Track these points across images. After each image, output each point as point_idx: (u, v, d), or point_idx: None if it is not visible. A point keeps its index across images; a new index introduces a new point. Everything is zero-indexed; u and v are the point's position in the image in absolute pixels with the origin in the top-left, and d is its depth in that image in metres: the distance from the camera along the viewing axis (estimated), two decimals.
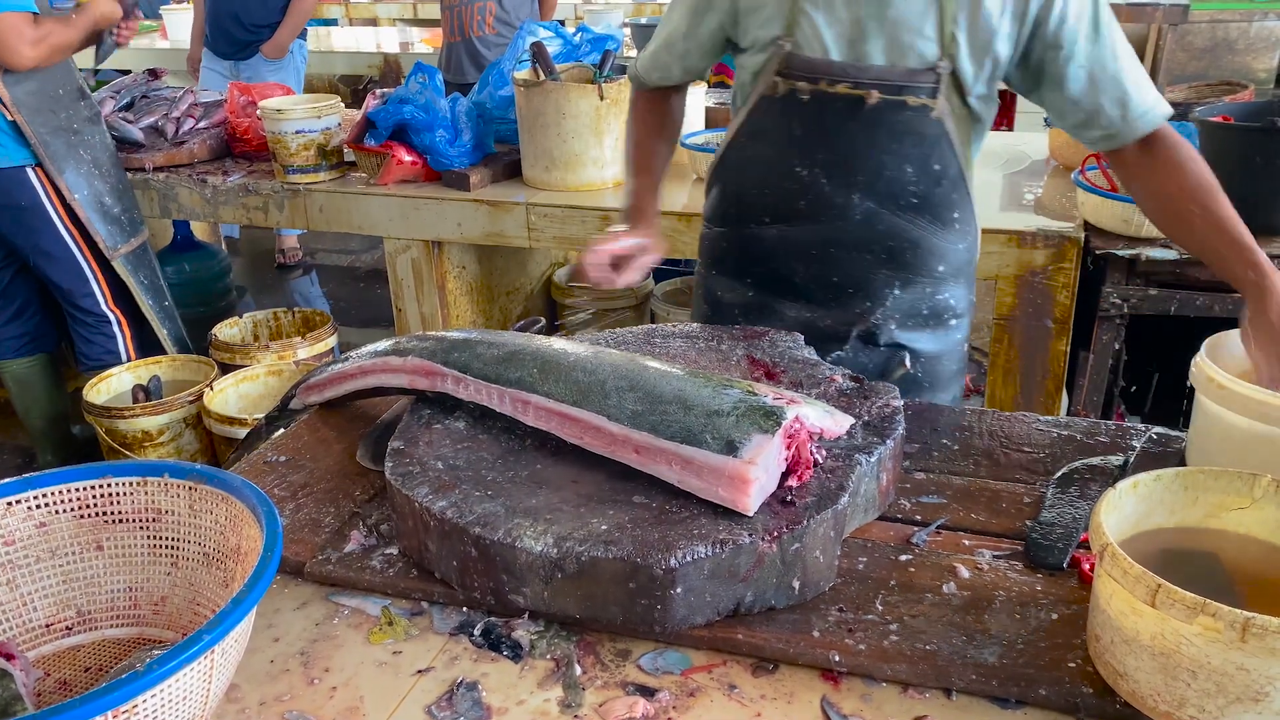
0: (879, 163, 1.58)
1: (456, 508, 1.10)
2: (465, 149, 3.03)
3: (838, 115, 1.56)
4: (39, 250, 3.10)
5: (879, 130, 1.55)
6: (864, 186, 1.60)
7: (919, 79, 1.51)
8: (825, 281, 1.68)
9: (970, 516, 1.25)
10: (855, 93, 1.53)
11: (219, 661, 0.90)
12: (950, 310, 1.73)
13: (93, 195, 3.10)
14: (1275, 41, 8.37)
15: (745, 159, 1.69)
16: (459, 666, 1.04)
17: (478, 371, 1.29)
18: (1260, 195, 2.31)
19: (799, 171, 1.62)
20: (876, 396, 1.33)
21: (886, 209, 1.61)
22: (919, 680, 0.99)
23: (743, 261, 1.76)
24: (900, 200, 1.60)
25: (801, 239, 1.66)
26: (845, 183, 1.60)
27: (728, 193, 1.75)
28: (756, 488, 1.07)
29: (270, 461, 1.41)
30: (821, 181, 1.61)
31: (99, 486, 1.11)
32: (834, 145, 1.59)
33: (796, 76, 1.56)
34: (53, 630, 1.11)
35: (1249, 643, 0.81)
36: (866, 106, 1.53)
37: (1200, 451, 1.30)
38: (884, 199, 1.60)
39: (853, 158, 1.58)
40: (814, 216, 1.63)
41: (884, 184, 1.59)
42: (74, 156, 3.05)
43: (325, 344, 3.41)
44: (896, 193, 1.60)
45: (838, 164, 1.59)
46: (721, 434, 1.09)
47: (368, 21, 8.68)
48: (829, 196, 1.61)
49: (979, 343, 4.31)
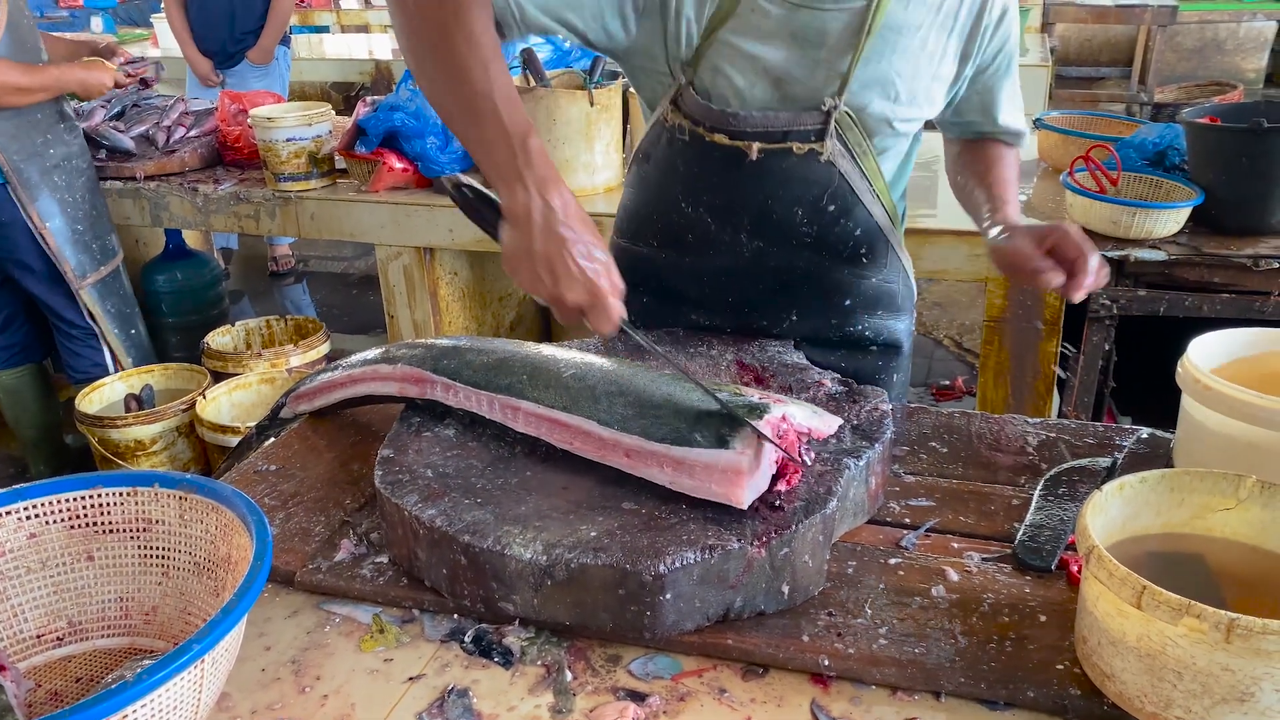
0: (765, 208, 1.48)
1: (446, 516, 1.10)
2: (456, 156, 3.03)
3: (719, 163, 1.45)
4: (19, 264, 3.11)
5: (765, 179, 1.45)
6: (750, 228, 1.50)
7: (804, 123, 1.41)
8: (720, 301, 1.58)
9: (959, 519, 1.25)
10: (734, 144, 1.42)
11: (209, 671, 0.91)
12: (868, 341, 1.63)
13: (65, 223, 3.10)
14: (1264, 42, 8.41)
15: (640, 178, 1.60)
16: (450, 673, 1.04)
17: (467, 378, 1.29)
18: (1246, 196, 2.33)
19: (684, 208, 1.52)
20: (865, 400, 1.34)
21: (777, 246, 1.51)
22: (908, 683, 1.00)
23: (634, 277, 1.32)
24: (792, 239, 1.51)
25: (689, 267, 1.57)
26: (731, 225, 1.51)
27: (626, 206, 1.65)
28: (750, 480, 1.07)
29: (261, 470, 1.42)
30: (707, 220, 1.51)
31: (90, 497, 1.11)
32: (717, 190, 1.49)
33: (684, 113, 1.45)
34: (44, 641, 1.11)
35: (1234, 643, 0.82)
36: (747, 160, 1.43)
37: (1186, 453, 1.30)
38: (774, 239, 1.51)
39: (737, 204, 1.49)
40: (701, 250, 1.54)
41: (772, 227, 1.50)
42: (48, 184, 3.04)
43: (318, 351, 3.41)
44: (787, 233, 1.50)
45: (721, 207, 1.50)
46: (712, 430, 1.10)
47: (359, 28, 8.69)
48: (715, 234, 1.52)
49: (970, 344, 4.34)
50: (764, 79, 1.40)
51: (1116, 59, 8.73)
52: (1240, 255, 2.28)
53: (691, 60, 1.41)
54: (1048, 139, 3.01)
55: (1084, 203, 2.40)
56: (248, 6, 4.85)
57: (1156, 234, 2.33)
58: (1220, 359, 1.31)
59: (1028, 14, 6.08)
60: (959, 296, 4.68)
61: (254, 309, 5.41)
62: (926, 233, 2.53)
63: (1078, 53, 8.86)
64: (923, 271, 2.62)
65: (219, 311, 4.31)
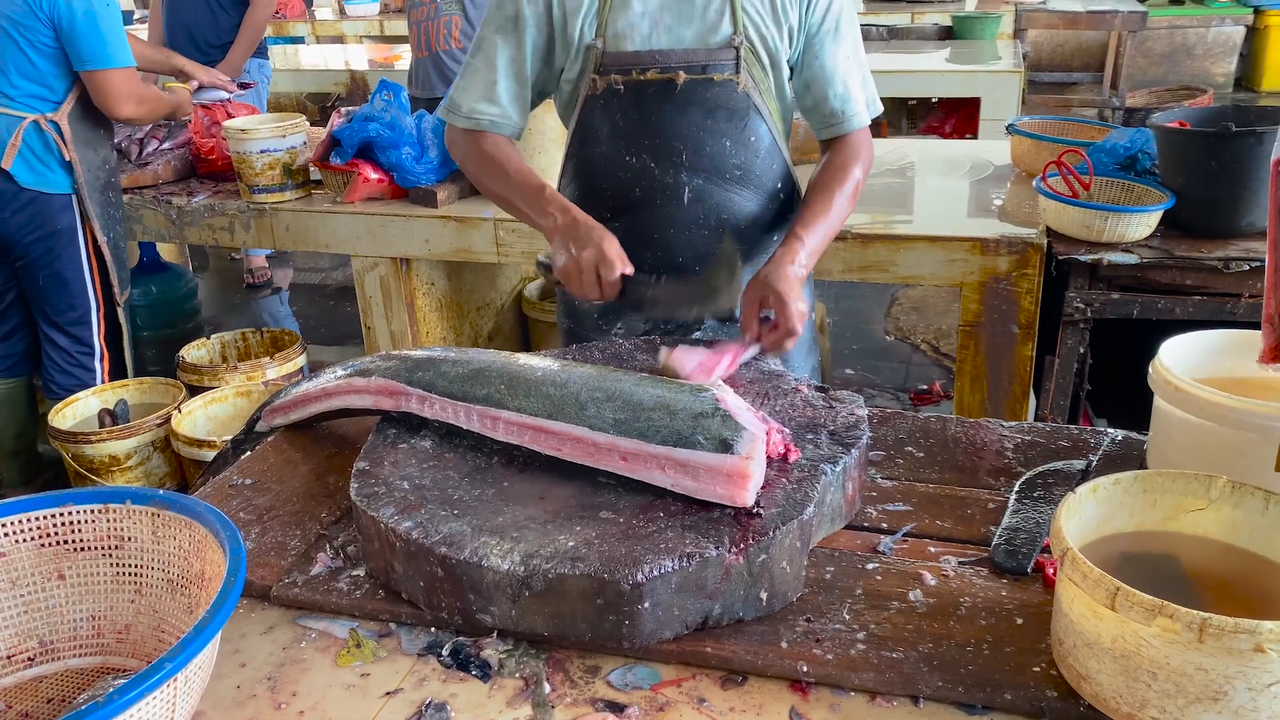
0: (698, 140, 1.68)
1: (422, 528, 1.10)
2: (432, 165, 3.02)
3: (653, 100, 1.67)
4: (55, 275, 3.11)
5: (693, 109, 1.67)
6: (689, 166, 1.69)
7: (720, 56, 1.65)
8: (672, 264, 1.72)
9: (936, 523, 1.26)
10: (664, 77, 1.65)
11: (183, 689, 0.90)
12: None
13: (114, 240, 3.17)
14: (1232, 46, 8.52)
15: (581, 163, 1.78)
16: (428, 687, 1.04)
17: (443, 390, 1.29)
18: (1216, 200, 2.35)
19: (629, 160, 1.71)
20: (841, 405, 1.34)
21: (713, 184, 1.71)
22: (886, 688, 1.00)
23: None
24: (725, 174, 1.71)
25: (641, 228, 1.72)
26: (671, 164, 1.70)
27: (575, 193, 1.79)
28: (754, 482, 1.10)
29: (236, 485, 1.40)
30: (650, 166, 1.70)
31: (60, 515, 1.10)
32: (655, 129, 1.68)
33: (611, 71, 1.66)
34: (14, 661, 1.10)
35: (1206, 643, 0.83)
36: (677, 89, 1.65)
37: (1159, 454, 1.31)
38: (710, 175, 1.70)
39: (673, 138, 1.68)
40: (649, 202, 1.72)
41: (706, 160, 1.69)
42: (105, 200, 3.12)
43: (294, 364, 3.38)
44: (720, 167, 1.70)
45: (661, 147, 1.69)
46: (713, 434, 1.12)
47: (334, 39, 8.67)
48: (659, 179, 1.71)
49: (947, 349, 4.36)
50: (655, 26, 1.64)
51: (1088, 64, 8.83)
52: (1211, 258, 2.30)
53: (598, 30, 1.66)
54: (1020, 144, 3.03)
55: (1056, 207, 2.42)
56: (214, 21, 4.81)
57: (1129, 237, 2.35)
58: (1192, 361, 1.32)
59: (999, 20, 6.13)
60: (935, 301, 4.71)
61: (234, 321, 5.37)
62: (902, 238, 2.55)
63: (1050, 58, 8.96)
64: (898, 277, 2.64)
65: (194, 325, 4.28)
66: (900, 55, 5.55)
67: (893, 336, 4.54)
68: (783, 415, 1.32)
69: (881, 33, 6.24)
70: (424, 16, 4.53)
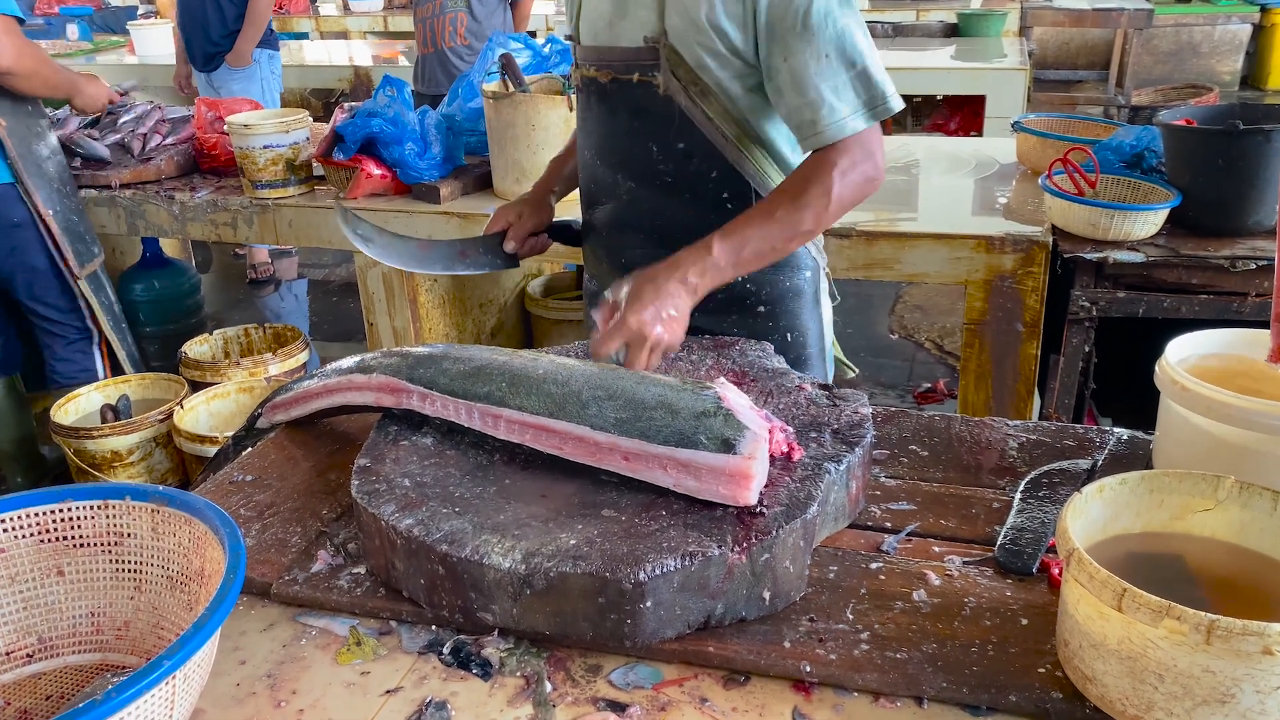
0: (626, 141, 1.64)
1: (423, 525, 1.09)
2: (435, 161, 3.02)
3: (596, 99, 1.66)
4: (28, 267, 3.11)
5: (620, 110, 1.63)
6: (622, 166, 1.66)
7: (641, 57, 1.57)
8: (616, 262, 1.72)
9: (940, 523, 1.25)
10: (596, 75, 1.63)
11: (182, 687, 0.89)
12: (753, 297, 1.67)
13: (62, 212, 3.12)
14: (1239, 45, 8.50)
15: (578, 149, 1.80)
16: (428, 686, 1.03)
17: (444, 387, 1.28)
18: (1223, 198, 2.34)
19: (587, 156, 1.73)
20: (845, 404, 1.34)
21: (646, 189, 1.65)
22: (890, 689, 0.99)
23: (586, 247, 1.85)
24: (655, 180, 1.63)
25: (600, 224, 1.75)
26: (610, 163, 1.68)
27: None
28: (756, 483, 1.09)
29: (236, 481, 1.40)
30: (597, 163, 1.70)
31: (59, 511, 1.09)
32: (596, 128, 1.69)
33: (579, 65, 1.69)
34: (13, 658, 1.09)
35: (1214, 645, 0.82)
36: (606, 88, 1.62)
37: (1165, 454, 1.30)
38: (641, 179, 1.65)
39: (608, 138, 1.67)
40: (601, 200, 1.73)
41: (635, 162, 1.64)
42: (43, 175, 3.07)
43: (297, 360, 3.38)
44: (648, 172, 1.63)
45: (602, 146, 1.69)
46: (715, 434, 1.11)
47: (338, 34, 8.67)
48: (603, 178, 1.70)
49: (951, 347, 4.35)
50: (600, 21, 1.61)
51: (1094, 62, 8.80)
52: (1217, 256, 2.29)
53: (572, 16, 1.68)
54: (1026, 142, 3.02)
55: (1062, 205, 2.41)
56: (220, 14, 4.84)
57: (1134, 236, 2.34)
58: (1198, 360, 1.31)
59: (1005, 17, 6.11)
60: (940, 299, 4.70)
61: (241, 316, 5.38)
62: (906, 236, 2.53)
63: (1055, 56, 8.94)
64: (903, 274, 2.63)
65: (197, 320, 4.28)
66: (905, 52, 5.54)
67: (897, 335, 4.53)
68: (786, 414, 1.31)
69: (886, 29, 6.22)
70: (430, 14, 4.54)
